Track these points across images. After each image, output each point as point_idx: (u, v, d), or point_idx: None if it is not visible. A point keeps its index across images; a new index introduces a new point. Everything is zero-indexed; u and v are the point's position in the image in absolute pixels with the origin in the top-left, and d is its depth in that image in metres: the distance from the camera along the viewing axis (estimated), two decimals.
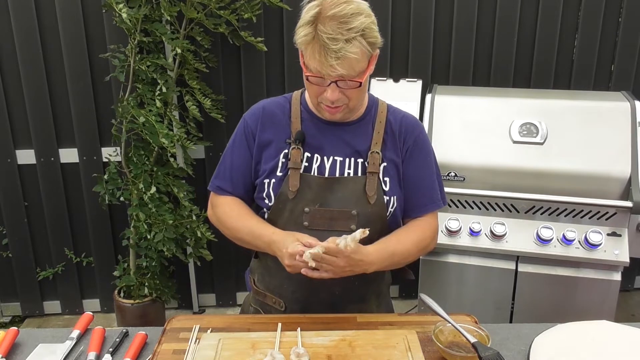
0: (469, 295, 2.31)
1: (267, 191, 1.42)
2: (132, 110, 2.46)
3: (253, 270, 1.60)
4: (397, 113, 1.49)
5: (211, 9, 2.55)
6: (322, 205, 1.39)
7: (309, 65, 1.28)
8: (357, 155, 1.42)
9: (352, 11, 1.24)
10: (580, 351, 1.26)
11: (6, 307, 3.10)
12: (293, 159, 1.40)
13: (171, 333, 1.35)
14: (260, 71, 2.80)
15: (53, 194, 2.89)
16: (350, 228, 1.39)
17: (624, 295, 3.18)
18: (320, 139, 1.42)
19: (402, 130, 1.46)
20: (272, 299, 1.50)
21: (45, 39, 2.68)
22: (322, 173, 1.41)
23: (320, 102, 1.35)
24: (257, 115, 1.47)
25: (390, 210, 1.42)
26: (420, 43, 2.82)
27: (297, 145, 1.41)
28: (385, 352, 1.22)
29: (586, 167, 2.19)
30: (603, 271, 2.18)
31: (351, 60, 1.24)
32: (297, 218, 1.40)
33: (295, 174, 1.39)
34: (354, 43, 1.24)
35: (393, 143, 1.44)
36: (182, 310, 3.16)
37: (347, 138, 1.43)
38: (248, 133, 1.46)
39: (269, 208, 1.42)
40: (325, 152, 1.42)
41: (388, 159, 1.43)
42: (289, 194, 1.39)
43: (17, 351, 1.33)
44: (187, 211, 2.68)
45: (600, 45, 2.85)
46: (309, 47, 1.26)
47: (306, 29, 1.25)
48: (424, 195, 1.47)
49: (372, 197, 1.39)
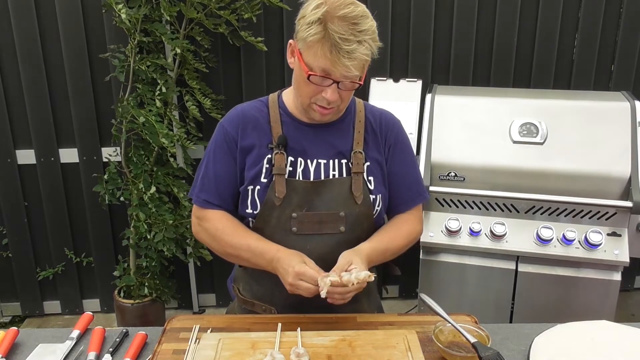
0: (469, 295, 2.31)
1: (251, 198, 1.39)
2: (132, 110, 2.46)
3: (237, 279, 1.57)
4: (374, 111, 1.49)
5: (211, 9, 2.55)
6: (310, 209, 1.38)
7: (311, 65, 1.26)
8: (341, 156, 1.42)
9: (360, 13, 1.24)
10: (580, 351, 1.26)
11: (6, 307, 3.10)
12: (277, 164, 1.38)
13: (171, 333, 1.35)
14: (260, 71, 2.80)
15: (53, 194, 2.89)
16: (339, 230, 1.39)
17: (624, 295, 3.18)
18: (302, 142, 1.41)
19: (382, 127, 1.46)
20: (261, 307, 1.48)
21: (45, 39, 2.68)
22: (307, 177, 1.39)
23: (313, 103, 1.33)
24: (236, 121, 1.43)
25: (377, 208, 1.43)
26: (420, 43, 2.82)
27: (280, 150, 1.38)
28: (385, 352, 1.22)
29: (586, 167, 2.19)
30: (603, 271, 2.18)
31: (362, 61, 1.24)
32: (285, 224, 1.38)
33: (280, 180, 1.37)
34: (365, 45, 1.23)
35: (375, 141, 1.45)
36: (182, 310, 3.16)
37: (329, 139, 1.42)
38: (230, 140, 1.42)
39: (254, 216, 1.40)
40: (309, 155, 1.41)
41: (371, 157, 1.43)
42: (276, 201, 1.37)
43: (17, 351, 1.32)
44: (187, 211, 2.67)
45: (600, 45, 2.85)
46: (316, 45, 1.24)
47: (314, 28, 1.23)
48: (410, 190, 1.49)
49: (358, 197, 1.39)
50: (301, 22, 1.27)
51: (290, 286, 1.28)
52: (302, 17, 1.27)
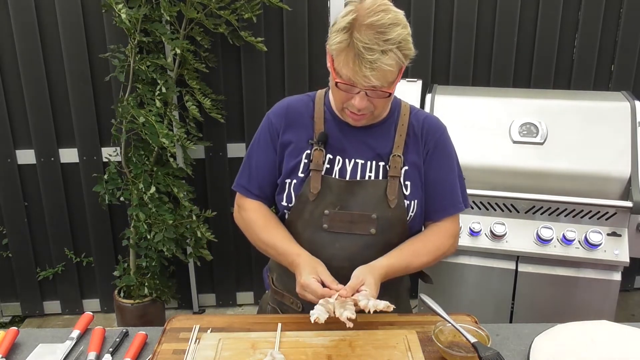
0: (469, 295, 2.31)
1: (287, 191, 1.41)
2: (132, 110, 2.46)
3: (272, 269, 1.58)
4: (419, 115, 1.47)
5: (211, 9, 2.55)
6: (342, 208, 1.38)
7: (339, 72, 1.26)
8: (379, 158, 1.41)
9: (390, 21, 1.22)
10: (580, 351, 1.26)
11: (6, 307, 3.10)
12: (315, 160, 1.39)
13: (171, 333, 1.35)
14: (260, 71, 2.80)
15: (53, 194, 2.89)
16: (369, 232, 1.38)
17: (624, 295, 3.18)
18: (342, 141, 1.41)
19: (423, 132, 1.44)
20: (289, 299, 1.49)
21: (45, 39, 2.68)
22: (343, 176, 1.40)
23: (345, 108, 1.34)
24: (282, 114, 1.45)
25: (411, 214, 1.41)
26: (420, 43, 2.79)
27: (319, 146, 1.39)
28: (385, 352, 1.22)
29: (586, 167, 2.19)
30: (603, 271, 2.18)
31: (385, 71, 1.23)
32: (317, 220, 1.39)
33: (316, 176, 1.38)
34: (390, 55, 1.22)
35: (415, 146, 1.43)
36: (182, 310, 3.16)
37: (369, 141, 1.42)
38: (273, 132, 1.45)
39: (289, 209, 1.42)
40: (347, 155, 1.41)
41: (410, 162, 1.42)
42: (310, 196, 1.38)
43: (17, 351, 1.32)
44: (187, 211, 2.68)
45: (600, 45, 2.85)
46: (342, 53, 1.24)
47: (341, 36, 1.23)
48: (444, 198, 1.45)
49: (392, 201, 1.38)
50: (333, 29, 1.27)
51: (298, 294, 1.31)
52: (334, 23, 1.27)
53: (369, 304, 1.20)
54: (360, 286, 1.27)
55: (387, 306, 1.21)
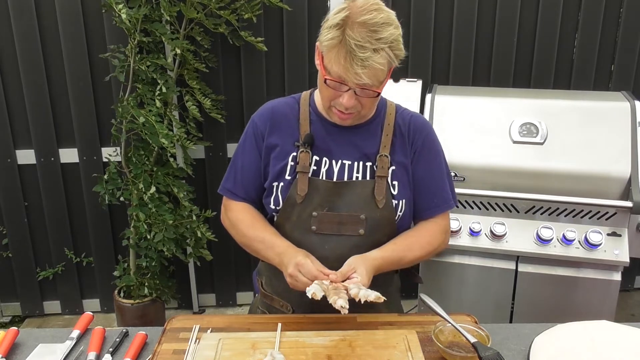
0: (469, 295, 2.31)
1: (275, 195, 1.41)
2: (132, 110, 2.46)
3: (260, 273, 1.58)
4: (405, 114, 1.47)
5: (211, 9, 2.55)
6: (331, 209, 1.38)
7: (329, 69, 1.26)
8: (366, 158, 1.41)
9: (382, 20, 1.22)
10: (580, 351, 1.26)
11: (6, 307, 3.10)
12: (301, 162, 1.39)
13: (171, 333, 1.35)
14: (260, 71, 2.80)
15: (53, 194, 2.89)
16: (358, 232, 1.38)
17: (624, 295, 3.18)
18: (328, 142, 1.41)
19: (410, 131, 1.44)
20: (279, 302, 1.49)
21: (45, 39, 2.68)
22: (330, 177, 1.40)
23: (333, 106, 1.34)
24: (266, 116, 1.45)
25: (399, 214, 1.41)
26: (420, 43, 2.82)
27: (305, 148, 1.39)
28: (385, 352, 1.22)
29: (586, 167, 2.19)
30: (603, 271, 2.18)
31: (376, 70, 1.23)
32: (305, 222, 1.39)
33: (303, 178, 1.38)
34: (382, 54, 1.22)
35: (402, 145, 1.43)
36: (182, 310, 3.16)
37: (355, 141, 1.41)
38: (257, 135, 1.45)
39: (277, 212, 1.42)
40: (334, 156, 1.41)
41: (397, 162, 1.42)
42: (297, 198, 1.38)
43: (17, 351, 1.32)
44: (187, 211, 2.68)
45: (600, 45, 2.85)
46: (333, 50, 1.24)
47: (333, 32, 1.23)
48: (434, 196, 1.46)
49: (380, 202, 1.38)
50: (324, 25, 1.27)
51: (289, 277, 1.29)
52: (326, 20, 1.27)
53: (359, 293, 1.20)
54: (352, 273, 1.27)
55: (378, 297, 1.21)
